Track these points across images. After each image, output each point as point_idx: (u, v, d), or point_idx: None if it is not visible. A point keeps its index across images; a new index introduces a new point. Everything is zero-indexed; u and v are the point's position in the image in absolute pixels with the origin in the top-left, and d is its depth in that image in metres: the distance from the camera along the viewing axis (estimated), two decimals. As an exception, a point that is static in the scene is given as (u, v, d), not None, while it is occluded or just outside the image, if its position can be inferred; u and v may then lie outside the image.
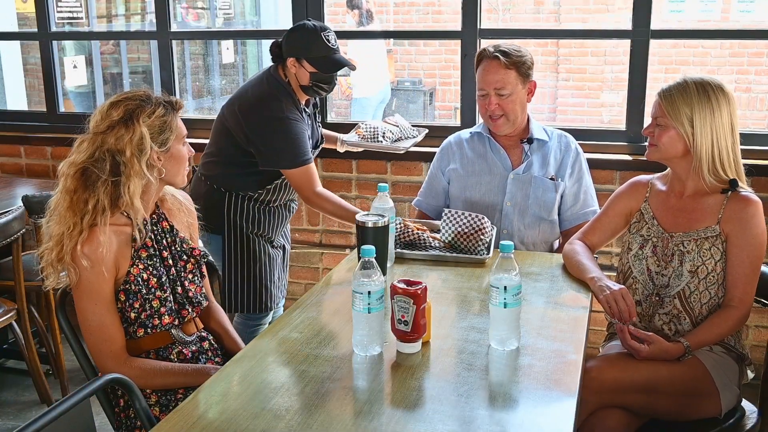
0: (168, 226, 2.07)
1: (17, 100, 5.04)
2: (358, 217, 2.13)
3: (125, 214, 1.94)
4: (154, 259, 1.99)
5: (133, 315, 1.95)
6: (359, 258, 1.78)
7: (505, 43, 2.64)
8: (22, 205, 3.09)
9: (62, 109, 4.17)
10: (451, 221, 2.41)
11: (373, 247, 1.75)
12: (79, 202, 1.88)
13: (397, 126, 3.15)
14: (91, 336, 1.90)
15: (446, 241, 2.41)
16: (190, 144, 2.08)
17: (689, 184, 2.18)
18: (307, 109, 2.81)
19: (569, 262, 2.28)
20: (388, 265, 2.24)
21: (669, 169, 2.25)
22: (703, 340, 2.08)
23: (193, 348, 2.06)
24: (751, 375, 2.23)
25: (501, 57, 2.56)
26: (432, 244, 2.41)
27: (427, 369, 1.71)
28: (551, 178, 2.66)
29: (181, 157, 2.00)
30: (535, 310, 2.01)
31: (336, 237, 3.73)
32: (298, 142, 2.65)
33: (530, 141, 2.68)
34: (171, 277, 2.03)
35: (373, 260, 1.73)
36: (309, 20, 2.78)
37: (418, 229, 2.44)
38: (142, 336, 1.97)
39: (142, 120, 1.89)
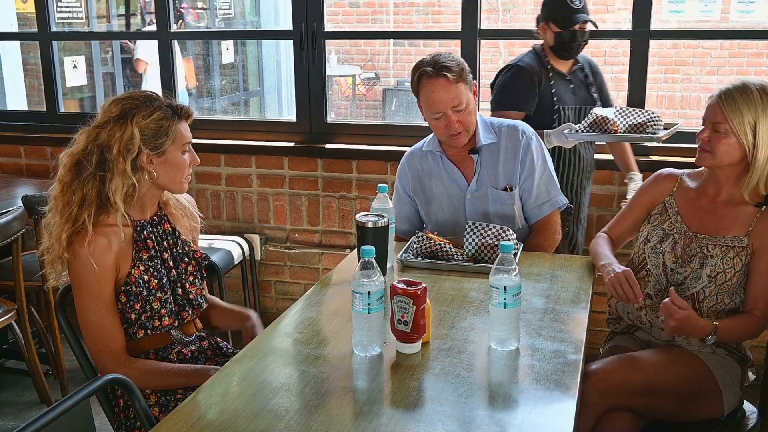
0: (170, 229, 2.07)
1: (17, 100, 5.04)
2: (358, 217, 2.13)
3: (127, 214, 1.94)
4: (155, 261, 1.99)
5: (133, 316, 1.95)
6: (359, 258, 1.78)
7: (434, 54, 2.50)
8: (22, 205, 3.09)
9: (62, 109, 4.17)
10: (474, 233, 2.35)
11: (372, 248, 1.75)
12: (68, 192, 1.90)
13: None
14: (91, 336, 1.90)
15: (469, 254, 2.35)
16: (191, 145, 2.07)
17: (725, 190, 2.12)
18: (565, 73, 3.06)
19: (591, 252, 2.30)
20: (388, 265, 2.24)
21: (704, 168, 2.18)
22: (729, 329, 2.02)
23: (193, 348, 2.06)
24: (752, 377, 2.23)
25: (447, 74, 2.43)
26: (455, 256, 2.36)
27: (426, 369, 1.71)
28: (505, 189, 2.57)
29: (177, 164, 1.98)
30: (535, 310, 2.01)
31: (336, 237, 3.73)
32: (510, 88, 3.00)
33: (478, 151, 2.58)
34: (172, 278, 2.03)
35: (373, 260, 1.73)
36: None
37: (439, 240, 2.38)
38: (142, 337, 1.97)
39: (136, 120, 1.90)
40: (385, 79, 8.50)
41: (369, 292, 1.71)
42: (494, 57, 7.96)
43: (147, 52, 6.62)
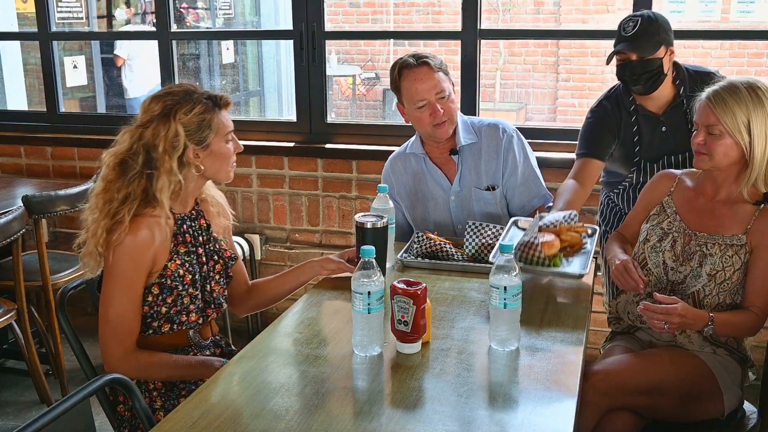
0: (205, 224, 2.06)
1: (17, 100, 5.04)
2: (356, 217, 2.14)
3: (170, 208, 1.94)
4: (191, 256, 1.98)
5: (164, 309, 1.93)
6: (359, 258, 1.78)
7: (410, 53, 2.53)
8: (22, 205, 3.09)
9: (62, 109, 4.17)
10: (474, 233, 2.35)
11: (372, 248, 1.75)
12: (111, 191, 1.89)
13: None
14: (108, 324, 1.88)
15: (470, 254, 2.34)
16: None
17: (724, 190, 2.12)
18: (655, 113, 2.53)
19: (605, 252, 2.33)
20: (388, 265, 2.24)
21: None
22: (725, 321, 2.01)
23: (207, 353, 2.04)
24: (752, 377, 2.23)
25: (429, 61, 2.48)
26: (455, 256, 2.35)
27: (426, 369, 1.71)
28: (488, 188, 2.57)
29: (222, 155, 1.98)
30: (535, 310, 2.01)
31: (336, 237, 3.73)
32: (581, 133, 2.63)
33: (458, 151, 2.58)
34: (202, 274, 2.02)
35: (373, 260, 1.73)
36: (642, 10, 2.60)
37: (439, 240, 2.38)
38: (167, 332, 1.96)
39: (179, 117, 1.89)
40: (385, 79, 8.49)
41: (369, 292, 1.71)
42: (494, 57, 7.96)
43: (124, 48, 7.04)
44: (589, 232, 2.20)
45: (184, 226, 1.99)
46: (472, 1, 3.36)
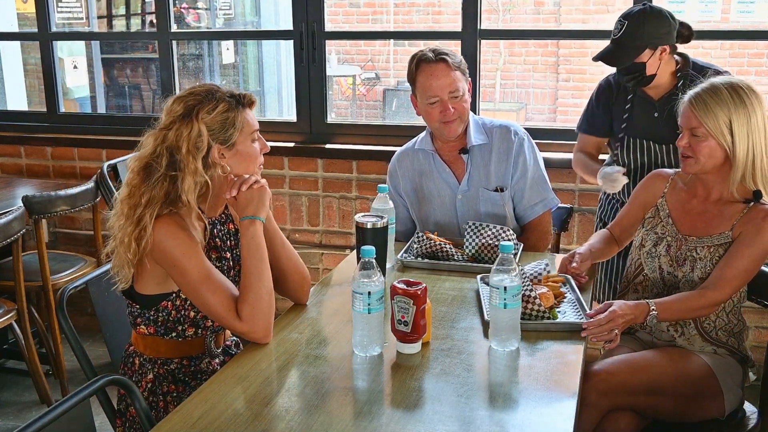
0: (234, 229, 2.03)
1: (17, 100, 5.04)
2: (356, 217, 2.14)
3: (202, 212, 1.91)
4: (222, 262, 1.96)
5: (192, 314, 1.90)
6: (359, 259, 1.78)
7: (431, 46, 2.52)
8: (22, 205, 3.09)
9: (62, 109, 4.17)
10: (474, 233, 2.35)
11: (373, 248, 1.75)
12: (136, 195, 1.84)
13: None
14: (212, 315, 1.84)
15: (470, 254, 2.35)
16: None
17: (715, 191, 2.12)
18: (653, 98, 2.59)
19: None
20: (388, 265, 2.24)
21: None
22: (668, 307, 2.01)
23: (216, 360, 2.01)
24: (753, 377, 2.23)
25: (447, 59, 2.47)
26: (455, 256, 2.35)
27: (427, 369, 1.71)
28: (496, 189, 2.57)
29: (248, 154, 1.93)
30: (535, 310, 2.01)
31: (336, 237, 3.73)
32: (585, 108, 2.80)
33: (468, 151, 2.58)
34: (230, 279, 1.98)
35: (373, 261, 1.73)
36: (645, 5, 2.56)
37: (439, 240, 2.38)
38: (191, 336, 1.93)
39: (202, 116, 1.85)
40: (385, 79, 8.51)
41: (369, 293, 1.71)
42: (494, 57, 7.96)
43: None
44: (564, 281, 2.16)
45: (215, 231, 1.95)
46: (472, 1, 3.36)
